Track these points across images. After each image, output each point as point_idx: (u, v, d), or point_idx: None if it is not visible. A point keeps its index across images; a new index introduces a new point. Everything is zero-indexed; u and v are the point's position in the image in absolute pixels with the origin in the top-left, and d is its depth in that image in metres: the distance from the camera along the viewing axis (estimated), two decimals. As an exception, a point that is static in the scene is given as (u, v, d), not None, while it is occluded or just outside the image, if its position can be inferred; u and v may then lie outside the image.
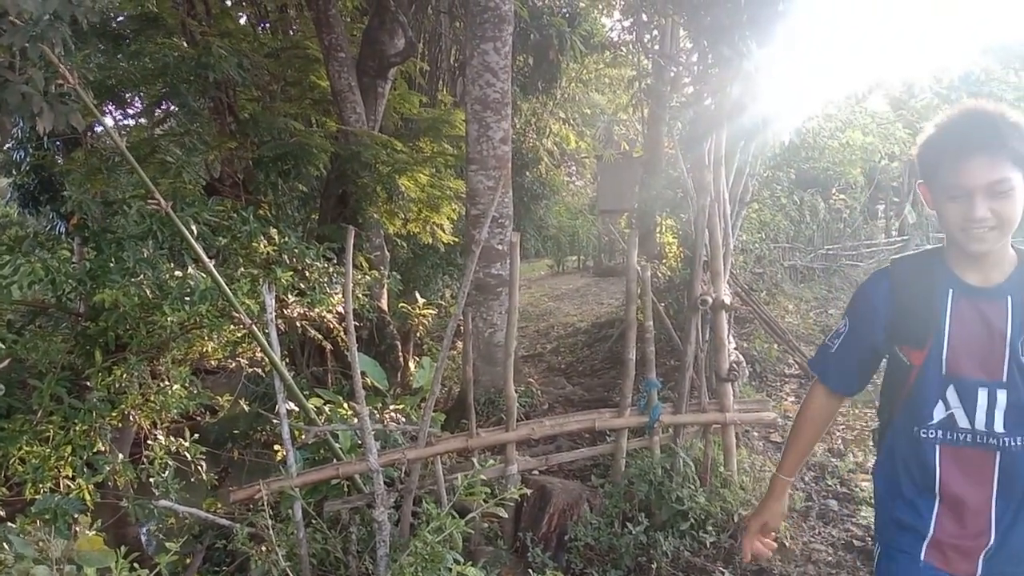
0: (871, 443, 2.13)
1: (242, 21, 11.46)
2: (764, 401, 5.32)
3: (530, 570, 3.75)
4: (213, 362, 5.89)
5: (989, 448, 1.80)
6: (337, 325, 6.00)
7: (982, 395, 1.78)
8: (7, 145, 11.91)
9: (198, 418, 5.76)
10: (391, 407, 5.02)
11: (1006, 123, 1.69)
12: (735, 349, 5.91)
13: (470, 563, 3.03)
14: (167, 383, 4.96)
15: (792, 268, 13.89)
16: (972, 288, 1.80)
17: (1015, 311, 1.77)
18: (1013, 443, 1.78)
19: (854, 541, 4.34)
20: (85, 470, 4.30)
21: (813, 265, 14.80)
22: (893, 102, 19.21)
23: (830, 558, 4.16)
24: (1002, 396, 1.77)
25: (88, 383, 4.57)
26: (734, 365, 4.63)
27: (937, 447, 1.86)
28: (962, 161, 1.69)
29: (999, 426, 1.78)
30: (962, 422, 1.81)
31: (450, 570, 2.90)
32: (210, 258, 4.21)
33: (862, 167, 15.55)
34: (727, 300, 4.58)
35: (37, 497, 3.77)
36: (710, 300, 4.48)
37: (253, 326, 3.86)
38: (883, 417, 2.05)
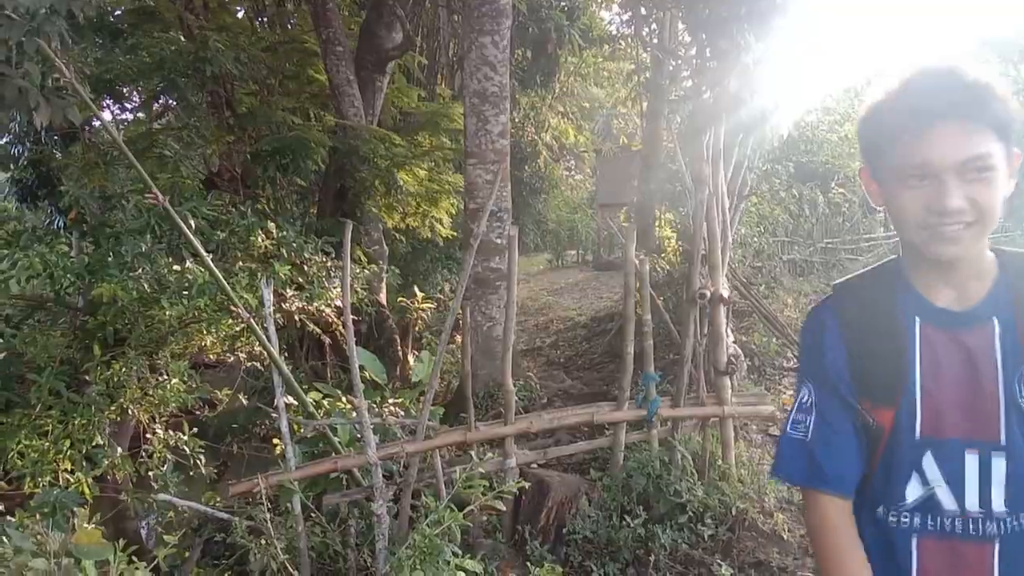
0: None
1: (240, 15, 11.44)
2: (762, 394, 5.34)
3: (528, 563, 3.76)
4: (212, 356, 5.89)
5: (986, 539, 1.30)
6: (336, 319, 6.00)
7: (971, 462, 1.29)
8: (5, 140, 11.90)
9: (197, 412, 5.76)
10: (390, 401, 5.03)
11: (981, 83, 1.24)
12: (733, 343, 5.93)
13: (469, 556, 3.04)
14: (166, 377, 4.96)
15: (791, 262, 13.88)
16: (945, 312, 1.34)
17: (1005, 337, 1.29)
18: (1018, 524, 1.30)
19: (852, 534, 4.35)
20: (84, 464, 4.31)
21: (812, 259, 14.79)
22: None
23: (828, 550, 4.17)
24: (999, 463, 1.28)
25: (87, 377, 4.57)
26: (732, 359, 4.64)
27: (914, 539, 1.35)
28: (926, 131, 1.22)
29: (998, 504, 1.29)
30: (947, 502, 1.32)
31: (448, 563, 2.91)
32: (208, 252, 4.21)
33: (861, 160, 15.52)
34: (725, 294, 4.58)
35: (36, 491, 3.78)
36: (708, 294, 4.48)
37: (251, 320, 3.86)
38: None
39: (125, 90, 9.12)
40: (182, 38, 8.47)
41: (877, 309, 1.39)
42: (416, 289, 8.84)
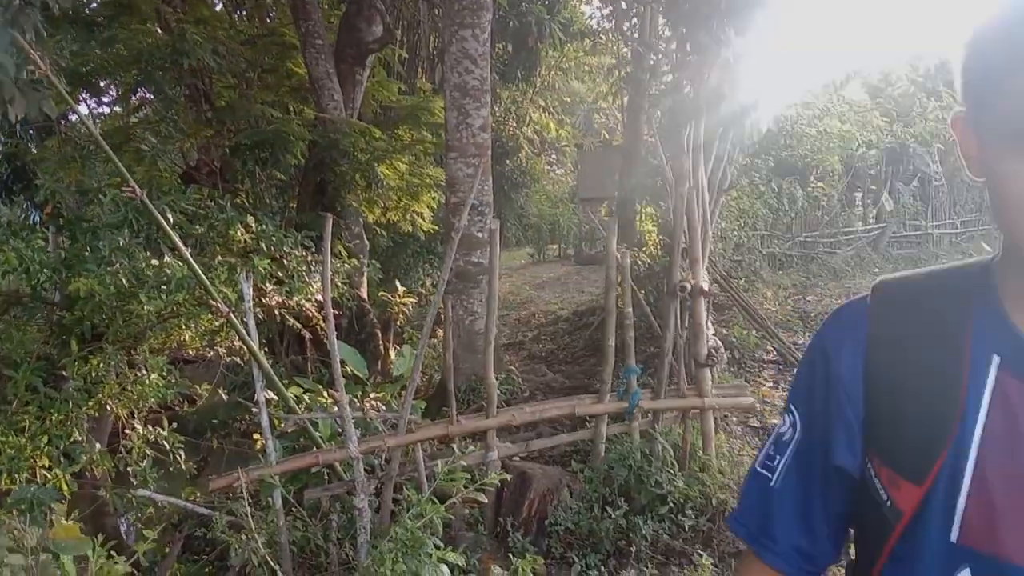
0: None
1: (218, 8, 11.33)
2: (742, 386, 5.38)
3: (510, 555, 3.78)
4: (191, 351, 5.86)
5: None
6: (316, 314, 5.97)
7: None
8: (-22, 134, 11.72)
9: (176, 408, 5.73)
10: (371, 395, 5.02)
11: None
12: (714, 335, 5.95)
13: (451, 548, 3.05)
14: (144, 372, 4.93)
15: (770, 255, 14.00)
16: None
17: None
18: None
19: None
20: (62, 460, 4.27)
21: (791, 252, 14.91)
22: (870, 90, 19.35)
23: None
24: None
25: (64, 373, 4.52)
26: (712, 351, 4.67)
27: None
28: None
29: None
30: None
31: (430, 555, 2.92)
32: (187, 247, 4.18)
33: (840, 155, 15.68)
34: (706, 287, 4.62)
35: (13, 487, 3.74)
36: (689, 287, 4.51)
37: (231, 315, 3.84)
38: None
39: (102, 83, 9.02)
40: (159, 31, 8.38)
41: (937, 330, 0.89)
42: (397, 283, 8.82)
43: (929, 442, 0.84)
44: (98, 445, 4.66)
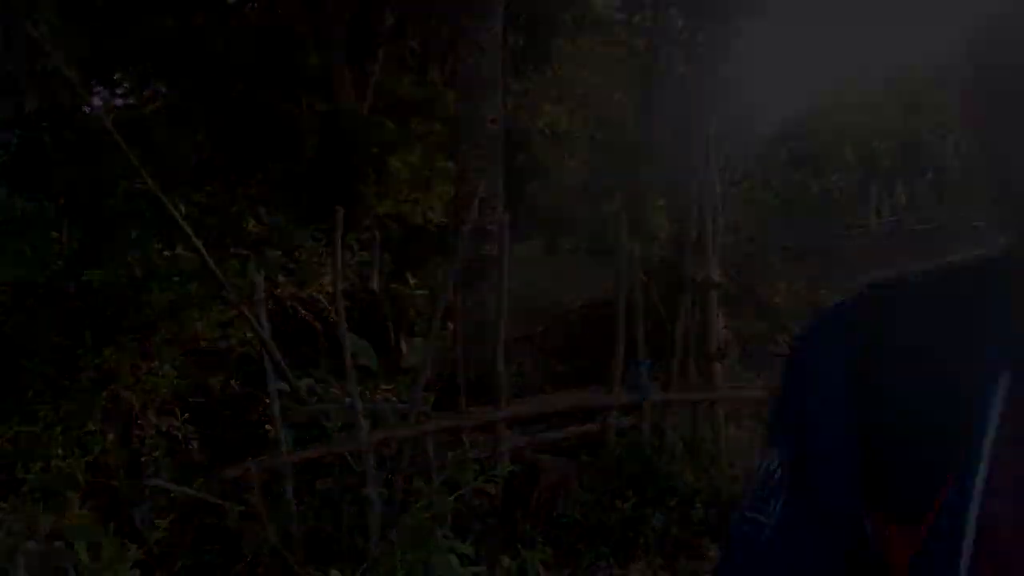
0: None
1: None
2: (752, 379, 5.37)
3: (519, 545, 3.78)
4: (204, 342, 5.89)
5: None
6: (328, 305, 5.99)
7: None
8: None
9: (190, 398, 5.76)
10: (382, 387, 5.04)
11: None
12: (724, 328, 5.95)
13: (460, 539, 3.07)
14: (158, 363, 4.96)
15: (783, 247, 13.91)
16: None
17: None
18: None
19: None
20: (76, 449, 4.31)
21: (804, 244, 14.82)
22: (885, 82, 19.18)
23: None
24: None
25: (79, 363, 4.56)
26: (723, 344, 4.66)
27: None
28: None
29: None
30: None
31: (440, 545, 2.93)
32: (200, 238, 4.20)
33: (853, 147, 15.55)
34: (716, 279, 4.60)
35: (28, 476, 3.78)
36: (699, 279, 4.50)
37: (242, 307, 3.86)
38: None
39: (116, 75, 9.06)
40: (173, 21, 8.41)
41: (937, 339, 0.71)
42: (408, 275, 8.83)
43: (924, 480, 0.67)
44: (112, 435, 4.70)
